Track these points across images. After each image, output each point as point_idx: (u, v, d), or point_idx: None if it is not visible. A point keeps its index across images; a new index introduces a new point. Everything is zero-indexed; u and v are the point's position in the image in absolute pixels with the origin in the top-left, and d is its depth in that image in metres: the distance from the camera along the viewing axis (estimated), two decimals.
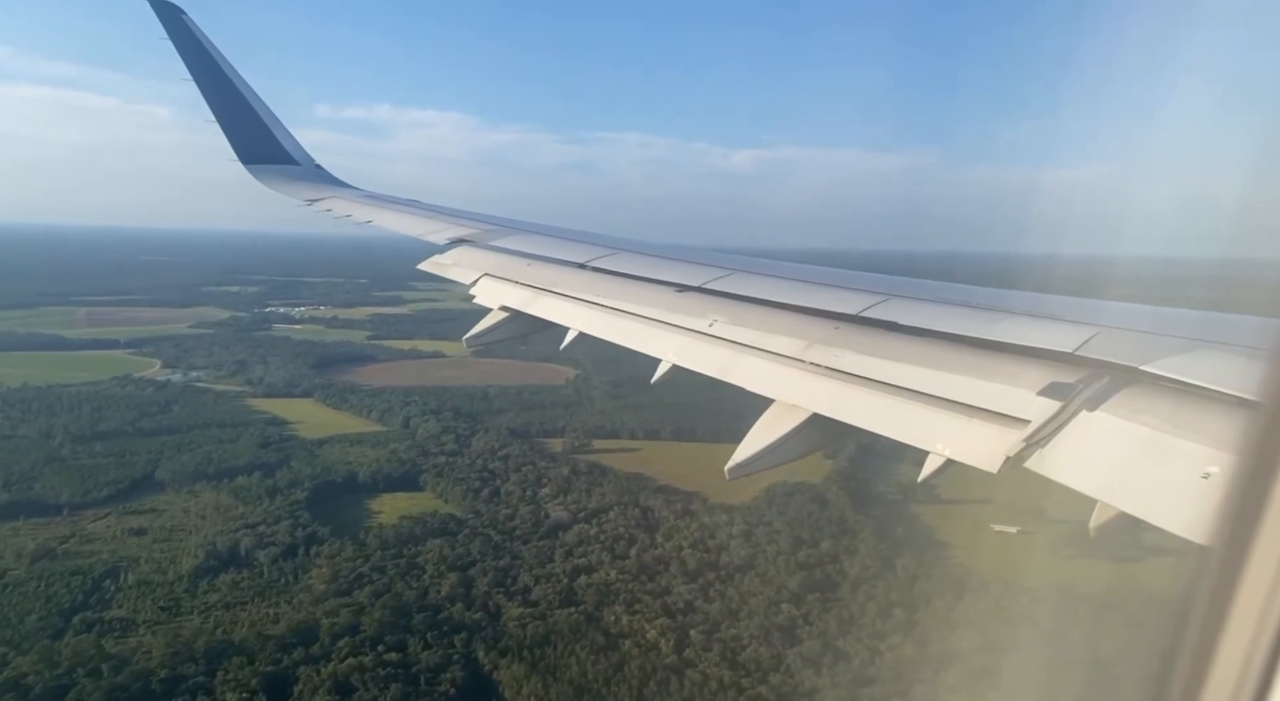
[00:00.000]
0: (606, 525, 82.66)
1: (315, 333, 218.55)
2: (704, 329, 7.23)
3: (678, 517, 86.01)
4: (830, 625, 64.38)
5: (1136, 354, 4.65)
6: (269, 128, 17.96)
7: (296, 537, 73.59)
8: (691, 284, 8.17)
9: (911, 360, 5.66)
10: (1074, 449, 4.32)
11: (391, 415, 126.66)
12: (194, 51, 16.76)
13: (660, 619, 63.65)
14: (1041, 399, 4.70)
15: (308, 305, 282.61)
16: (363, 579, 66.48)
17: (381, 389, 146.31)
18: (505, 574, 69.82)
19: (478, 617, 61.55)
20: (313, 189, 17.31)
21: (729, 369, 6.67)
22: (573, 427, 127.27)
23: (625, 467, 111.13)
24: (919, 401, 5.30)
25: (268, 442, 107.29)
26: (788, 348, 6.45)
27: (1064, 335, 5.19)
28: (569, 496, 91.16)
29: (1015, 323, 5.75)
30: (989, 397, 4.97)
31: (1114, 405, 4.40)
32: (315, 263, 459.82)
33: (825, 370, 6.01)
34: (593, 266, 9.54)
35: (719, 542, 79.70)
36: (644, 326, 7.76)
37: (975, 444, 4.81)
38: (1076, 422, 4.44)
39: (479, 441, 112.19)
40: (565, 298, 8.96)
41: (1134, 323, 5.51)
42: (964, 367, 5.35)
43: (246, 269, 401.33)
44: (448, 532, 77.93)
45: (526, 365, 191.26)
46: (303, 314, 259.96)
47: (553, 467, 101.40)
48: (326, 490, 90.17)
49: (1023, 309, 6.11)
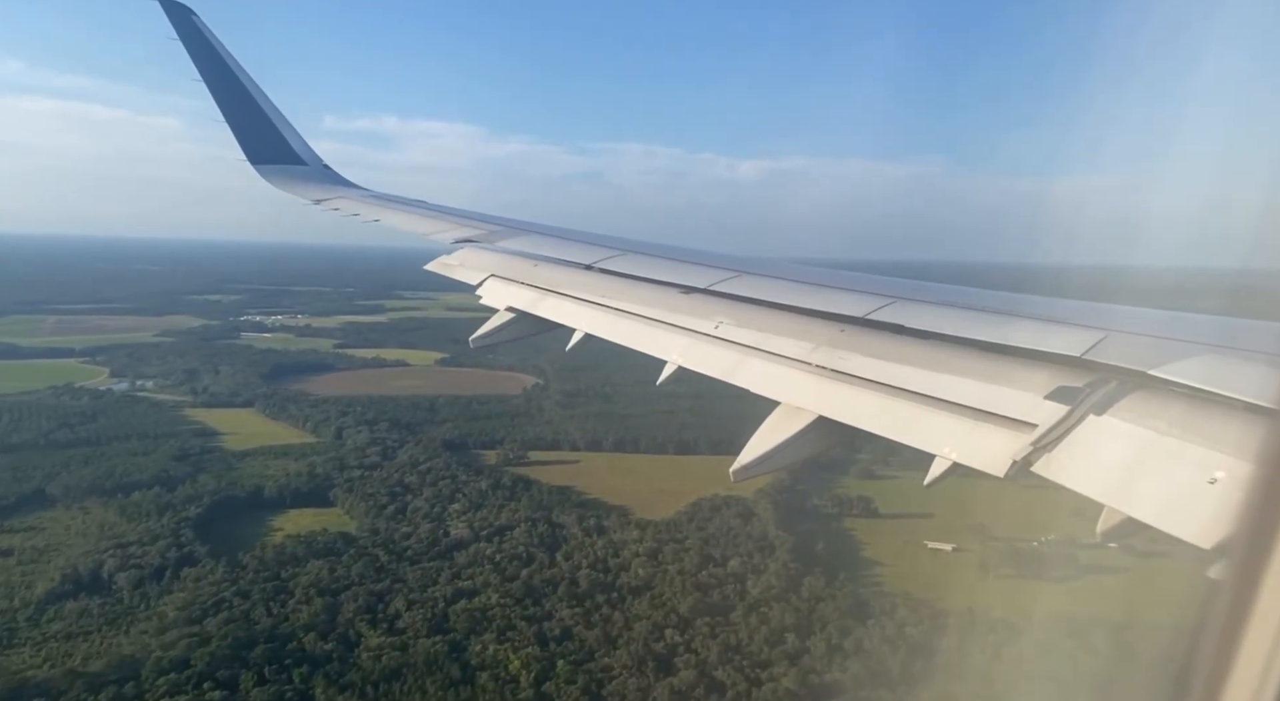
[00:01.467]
0: (507, 544, 78.82)
1: (283, 341, 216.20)
2: (710, 330, 7.25)
3: (586, 535, 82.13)
4: (713, 653, 60.30)
5: (1145, 358, 4.61)
6: (277, 128, 17.82)
7: (168, 559, 70.08)
8: (697, 285, 8.14)
9: (918, 363, 5.62)
10: (1081, 453, 4.30)
11: (326, 426, 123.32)
12: (203, 52, 16.59)
13: (529, 648, 59.79)
14: (1049, 403, 4.66)
15: (285, 314, 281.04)
16: (221, 605, 62.83)
17: (327, 399, 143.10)
18: (379, 599, 66.10)
19: (330, 648, 57.83)
20: (320, 189, 17.02)
21: (734, 371, 6.64)
22: (512, 439, 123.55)
23: (556, 481, 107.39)
24: (925, 404, 5.25)
25: (185, 455, 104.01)
26: (794, 350, 6.44)
27: (1072, 339, 5.14)
28: (479, 513, 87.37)
29: (1023, 326, 5.70)
30: (996, 401, 4.94)
31: (1122, 409, 4.38)
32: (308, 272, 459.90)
33: (831, 373, 6.00)
34: (599, 267, 9.47)
35: (621, 562, 75.75)
36: (649, 328, 7.76)
37: (982, 447, 4.72)
38: (1084, 427, 4.41)
39: (405, 453, 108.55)
40: (571, 298, 8.91)
41: (1142, 327, 5.45)
42: (971, 371, 5.32)
43: (238, 278, 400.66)
44: (333, 553, 74.32)
45: (490, 374, 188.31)
46: (277, 322, 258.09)
47: (473, 482, 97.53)
48: (228, 506, 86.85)
49: (1030, 312, 6.10)
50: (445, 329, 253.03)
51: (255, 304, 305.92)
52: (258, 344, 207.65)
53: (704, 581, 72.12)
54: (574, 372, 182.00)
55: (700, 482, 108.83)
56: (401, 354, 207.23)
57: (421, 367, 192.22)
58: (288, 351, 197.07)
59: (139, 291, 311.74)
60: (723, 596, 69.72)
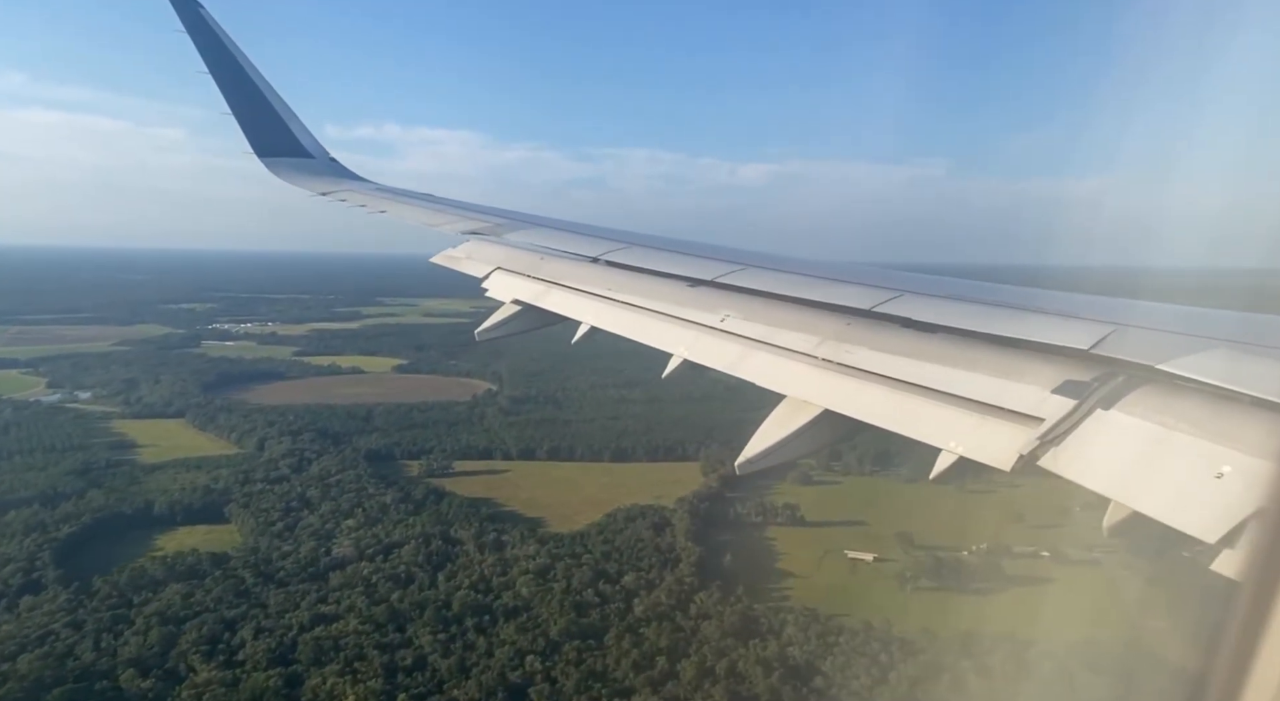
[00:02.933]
0: (390, 563, 74.28)
1: (243, 350, 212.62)
2: (716, 324, 7.17)
3: (479, 552, 77.61)
4: (571, 681, 55.79)
5: (1152, 352, 4.61)
6: (284, 120, 17.61)
7: (10, 585, 65.89)
8: (704, 278, 8.06)
9: (924, 356, 5.58)
10: (1088, 447, 4.28)
11: (251, 437, 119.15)
12: (210, 44, 16.37)
13: (374, 681, 55.27)
14: (1056, 397, 4.63)
15: (256, 321, 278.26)
16: (47, 637, 58.45)
17: (264, 409, 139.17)
18: (228, 627, 61.70)
19: (147, 687, 53.41)
20: (326, 181, 16.83)
21: (740, 364, 6.56)
22: (442, 448, 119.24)
23: (474, 492, 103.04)
24: (931, 398, 5.21)
25: (88, 469, 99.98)
26: (799, 343, 6.37)
27: (1079, 332, 5.08)
28: (373, 529, 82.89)
29: (1029, 319, 5.72)
30: (1002, 395, 4.90)
31: (1129, 404, 4.37)
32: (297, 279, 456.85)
33: (837, 366, 5.95)
34: (605, 260, 9.43)
35: (506, 580, 71.24)
36: (655, 321, 7.69)
37: (988, 442, 4.69)
38: (1091, 421, 4.39)
39: (319, 465, 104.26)
40: (577, 291, 8.83)
41: (1150, 321, 5.41)
42: (977, 364, 5.28)
43: (222, 286, 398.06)
44: (197, 575, 70.04)
45: (445, 380, 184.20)
46: (244, 330, 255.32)
47: (379, 495, 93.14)
48: (111, 525, 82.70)
49: (1037, 306, 6.05)
50: (414, 335, 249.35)
51: (230, 312, 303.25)
52: (215, 352, 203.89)
53: (587, 600, 67.53)
54: (531, 378, 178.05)
55: (627, 491, 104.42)
56: (361, 361, 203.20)
57: (376, 375, 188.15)
58: (242, 360, 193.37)
59: (113, 301, 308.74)
60: (602, 616, 65.13)
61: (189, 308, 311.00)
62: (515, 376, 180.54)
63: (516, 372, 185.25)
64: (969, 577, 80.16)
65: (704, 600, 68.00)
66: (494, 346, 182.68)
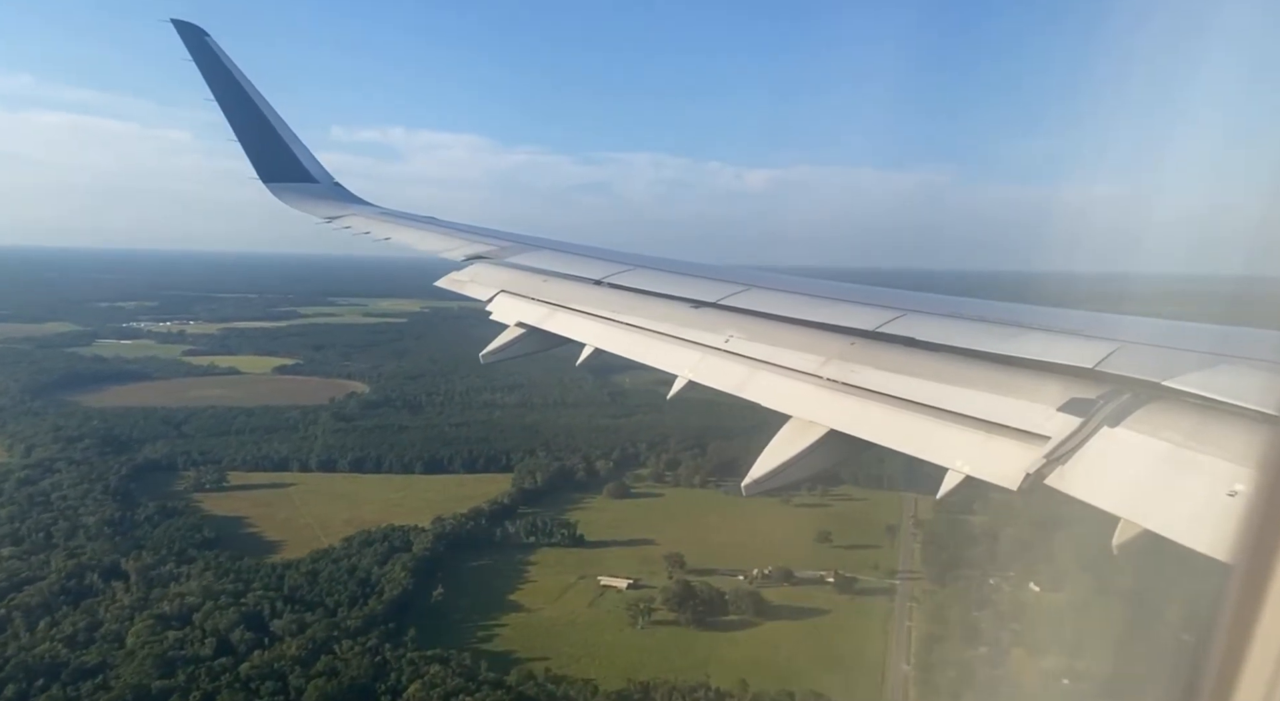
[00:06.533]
0: (17, 602, 61.71)
1: (134, 349, 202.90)
2: (720, 344, 7.10)
3: (126, 590, 64.63)
4: None
5: (1158, 369, 4.52)
6: (289, 146, 17.64)
7: None
8: (707, 300, 7.96)
9: (929, 376, 5.51)
10: (1095, 466, 4.21)
11: (30, 442, 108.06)
12: (216, 72, 16.42)
13: None
14: (1062, 415, 4.58)
15: (176, 320, 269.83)
16: None
17: (84, 411, 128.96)
18: None
19: None
20: (332, 206, 16.84)
21: (745, 384, 6.48)
22: (233, 457, 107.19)
23: (234, 509, 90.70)
24: (937, 417, 5.15)
25: None
26: (804, 363, 6.28)
27: (1083, 350, 5.01)
28: (34, 558, 70.31)
29: (1034, 338, 5.60)
30: (1008, 414, 4.83)
31: (1136, 421, 4.29)
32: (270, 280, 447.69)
33: (842, 386, 5.85)
34: (609, 282, 9.35)
35: (115, 630, 58.11)
36: (659, 342, 7.63)
37: (995, 461, 4.62)
38: (1098, 439, 4.33)
39: (65, 476, 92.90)
40: (581, 313, 8.80)
41: (1154, 337, 5.33)
42: (982, 383, 5.20)
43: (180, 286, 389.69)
44: None
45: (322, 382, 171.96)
46: (154, 329, 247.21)
47: (94, 513, 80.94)
48: None
49: (1041, 324, 5.94)
50: (330, 335, 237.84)
51: (164, 311, 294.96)
52: (103, 351, 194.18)
53: (192, 655, 54.57)
54: (409, 380, 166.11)
55: (406, 509, 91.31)
56: (248, 361, 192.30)
57: (251, 376, 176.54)
58: (118, 359, 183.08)
59: (38, 300, 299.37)
60: (190, 676, 52.05)
61: (119, 306, 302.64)
62: (393, 380, 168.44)
63: (399, 375, 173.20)
64: (718, 609, 67.14)
65: (345, 649, 55.06)
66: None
